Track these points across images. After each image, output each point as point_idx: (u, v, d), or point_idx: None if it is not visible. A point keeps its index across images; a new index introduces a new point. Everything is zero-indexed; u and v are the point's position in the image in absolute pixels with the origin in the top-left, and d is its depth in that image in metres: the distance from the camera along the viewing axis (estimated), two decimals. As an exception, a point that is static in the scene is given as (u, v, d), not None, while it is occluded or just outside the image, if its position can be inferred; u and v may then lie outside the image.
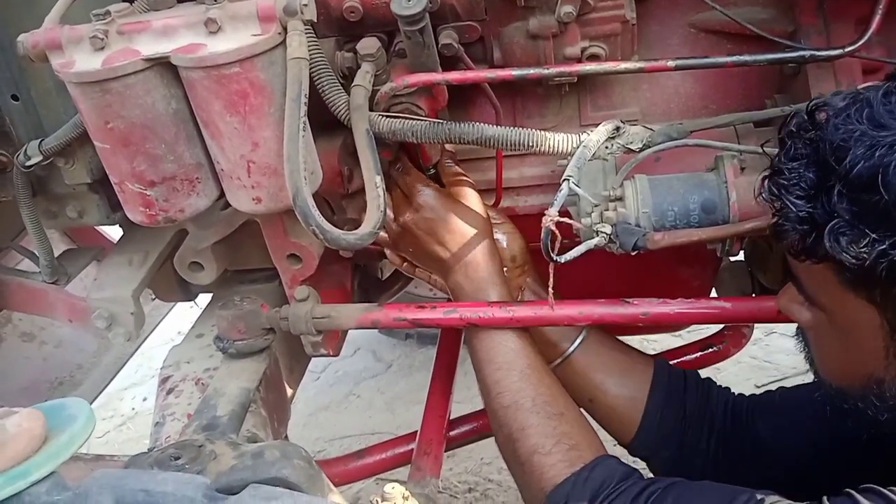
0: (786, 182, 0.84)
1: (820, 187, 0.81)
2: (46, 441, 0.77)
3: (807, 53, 1.12)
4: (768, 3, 1.30)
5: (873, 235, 0.76)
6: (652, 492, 1.00)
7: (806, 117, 0.87)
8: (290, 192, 1.01)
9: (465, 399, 2.53)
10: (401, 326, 1.25)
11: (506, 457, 1.19)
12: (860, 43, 1.11)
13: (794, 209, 0.83)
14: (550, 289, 1.06)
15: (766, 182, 0.89)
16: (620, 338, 1.37)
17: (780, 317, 1.14)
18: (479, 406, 1.61)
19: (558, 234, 1.01)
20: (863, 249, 0.77)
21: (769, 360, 2.68)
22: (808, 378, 2.78)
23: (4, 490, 0.73)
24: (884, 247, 0.76)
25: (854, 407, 0.93)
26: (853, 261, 0.78)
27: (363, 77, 1.14)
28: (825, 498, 0.87)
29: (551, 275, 1.03)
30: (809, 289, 0.92)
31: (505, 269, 1.30)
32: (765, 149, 1.07)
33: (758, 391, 2.58)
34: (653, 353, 1.88)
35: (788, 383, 2.55)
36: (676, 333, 2.51)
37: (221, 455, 0.94)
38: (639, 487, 1.01)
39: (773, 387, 2.54)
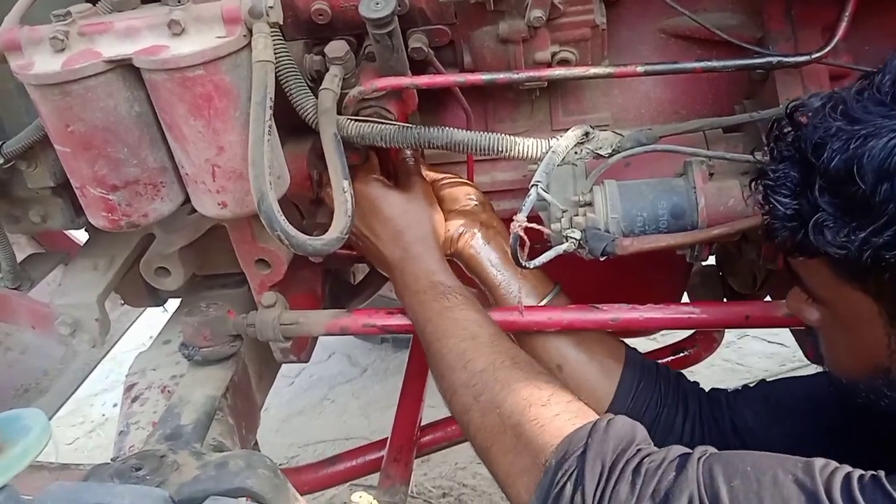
0: (772, 183, 0.87)
1: (804, 184, 0.83)
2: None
3: (774, 60, 1.13)
4: (737, 9, 1.31)
5: (854, 224, 0.78)
6: (699, 457, 0.85)
7: (786, 120, 0.90)
8: (254, 198, 1.00)
9: (438, 404, 2.54)
10: (370, 332, 1.24)
11: (484, 432, 1.01)
12: (826, 49, 1.12)
13: (781, 208, 0.85)
14: (520, 294, 1.05)
15: (755, 184, 0.93)
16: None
17: (747, 322, 1.14)
18: (445, 414, 1.60)
19: (527, 240, 1.01)
20: (846, 240, 0.79)
21: (742, 362, 2.70)
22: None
23: (-47, 505, 0.71)
24: (865, 234, 0.77)
25: (866, 400, 0.93)
26: (839, 251, 0.80)
27: (331, 80, 1.13)
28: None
29: (520, 282, 1.03)
30: (809, 285, 0.93)
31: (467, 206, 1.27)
32: (732, 154, 1.08)
33: (731, 394, 2.61)
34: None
35: (761, 386, 2.61)
36: (651, 336, 2.52)
37: (184, 465, 0.92)
38: (676, 452, 0.87)
39: (747, 389, 2.60)
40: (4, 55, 1.04)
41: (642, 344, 2.43)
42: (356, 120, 1.16)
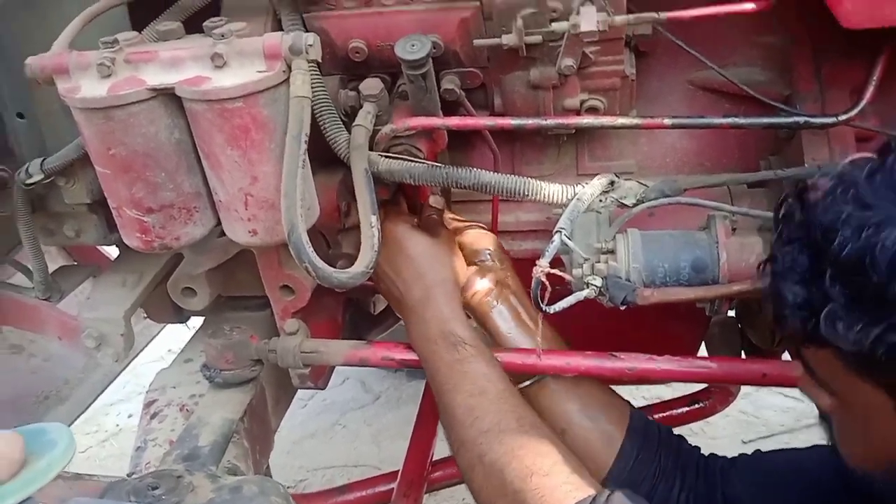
0: (781, 268, 0.83)
1: (814, 271, 0.79)
2: (24, 465, 0.77)
3: (801, 120, 1.14)
4: (767, 65, 1.33)
5: (867, 319, 0.74)
6: None
7: (795, 200, 0.85)
8: (285, 229, 1.02)
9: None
10: (388, 366, 1.25)
11: (487, 491, 1.04)
12: (854, 112, 1.13)
13: (790, 296, 0.81)
14: (539, 338, 1.06)
15: (763, 268, 0.89)
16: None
17: (763, 380, 1.14)
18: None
19: (548, 285, 1.02)
20: (859, 334, 0.75)
21: (758, 415, 2.67)
22: (796, 436, 2.76)
23: (-25, 515, 0.73)
24: (879, 330, 0.74)
25: (881, 492, 0.90)
26: (851, 346, 0.76)
27: (364, 117, 1.16)
28: None
29: (539, 325, 1.04)
30: (819, 374, 0.88)
31: (485, 261, 1.27)
32: (756, 211, 1.09)
33: (745, 447, 2.58)
34: (643, 400, 1.88)
35: (776, 440, 2.58)
36: (669, 385, 2.51)
37: (199, 487, 0.94)
38: None
39: (761, 443, 2.56)
40: (53, 78, 1.09)
41: (659, 391, 2.43)
42: (387, 156, 1.18)
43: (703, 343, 1.67)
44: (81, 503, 0.79)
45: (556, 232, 1.05)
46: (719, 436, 2.61)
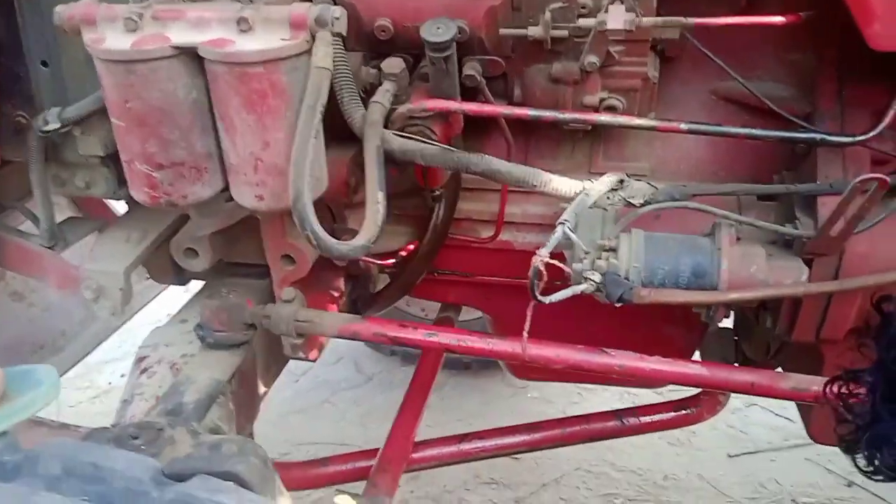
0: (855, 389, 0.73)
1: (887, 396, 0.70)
2: (6, 400, 0.78)
3: (818, 137, 1.14)
4: (791, 81, 1.33)
5: None
6: None
7: (874, 314, 0.78)
8: (291, 195, 1.03)
9: (437, 423, 2.54)
10: (380, 341, 1.26)
11: None
12: (872, 133, 1.13)
13: (860, 419, 0.72)
14: (526, 329, 1.06)
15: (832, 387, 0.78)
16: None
17: (752, 389, 1.14)
18: (450, 432, 1.61)
19: (545, 275, 1.02)
20: None
21: (746, 431, 2.67)
22: (781, 455, 2.75)
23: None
24: None
25: None
26: None
27: (383, 95, 1.17)
28: None
29: (529, 314, 1.04)
30: None
31: None
32: (762, 223, 1.09)
33: (730, 460, 2.58)
34: (630, 405, 1.89)
35: (762, 457, 2.58)
36: (658, 390, 2.51)
37: (180, 441, 0.95)
38: None
39: (746, 458, 2.56)
40: (79, 28, 1.09)
41: (646, 396, 2.44)
42: (401, 136, 1.19)
43: (697, 351, 1.67)
44: (62, 443, 0.79)
45: (560, 224, 1.05)
46: (706, 447, 2.61)
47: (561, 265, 1.05)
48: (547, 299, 1.08)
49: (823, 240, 1.10)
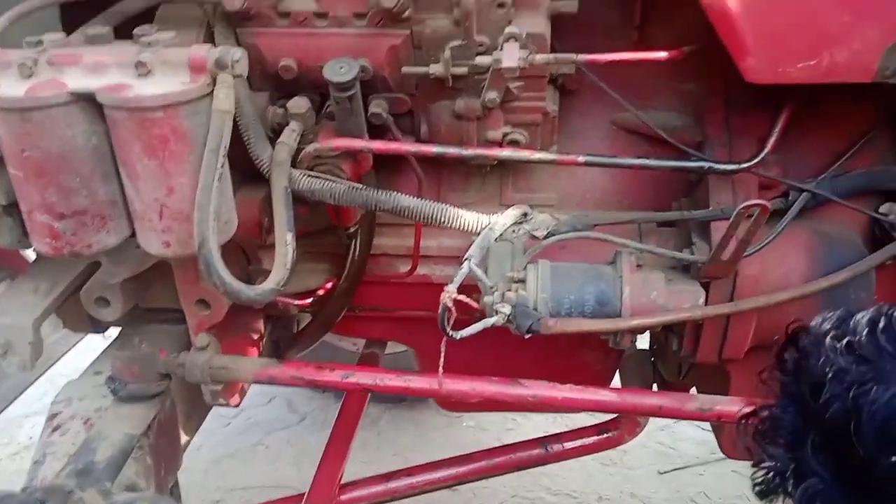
0: (763, 426, 0.71)
1: (798, 434, 0.67)
2: None
3: (706, 165, 1.20)
4: (684, 110, 1.39)
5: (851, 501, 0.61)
6: None
7: (790, 344, 0.74)
8: (195, 242, 1.02)
9: (372, 460, 2.52)
10: (297, 385, 1.26)
11: None
12: (756, 161, 1.20)
13: (770, 461, 0.69)
14: (441, 364, 1.08)
15: (744, 423, 0.75)
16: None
17: (660, 412, 1.18)
18: (386, 467, 1.59)
19: (454, 312, 1.04)
20: None
21: (674, 447, 2.73)
22: (709, 468, 2.82)
23: None
24: None
25: None
26: None
27: (289, 135, 1.18)
28: None
29: (443, 350, 1.06)
30: None
31: None
32: (660, 250, 1.13)
33: (660, 477, 2.63)
34: (564, 429, 1.92)
35: (691, 472, 2.65)
36: (591, 413, 2.55)
37: None
38: None
39: (676, 474, 2.62)
40: (-27, 74, 1.07)
41: (581, 419, 2.47)
42: (309, 175, 1.19)
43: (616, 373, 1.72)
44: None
45: (465, 260, 1.07)
46: (637, 466, 2.66)
47: (468, 301, 1.07)
48: (458, 334, 1.09)
49: (716, 264, 1.16)
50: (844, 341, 0.67)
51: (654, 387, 1.69)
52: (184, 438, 1.50)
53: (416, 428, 2.89)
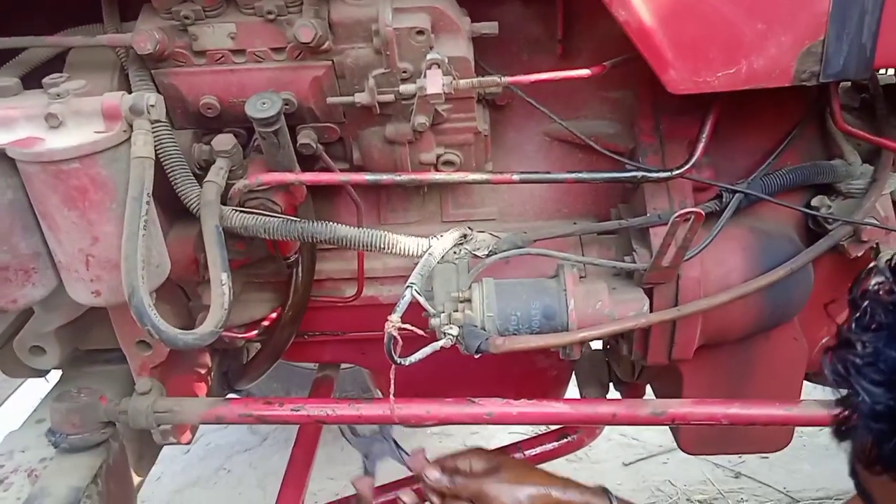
0: (859, 360, 0.63)
1: None
2: None
3: (639, 174, 1.20)
4: (615, 119, 1.40)
5: None
6: None
7: (889, 271, 0.66)
8: (125, 292, 0.99)
9: (339, 475, 2.49)
10: (247, 422, 1.23)
11: None
12: (687, 166, 1.21)
13: (868, 399, 0.62)
14: (392, 390, 1.07)
15: (832, 356, 0.67)
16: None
17: (614, 420, 1.19)
18: (344, 486, 1.57)
19: (399, 340, 1.03)
20: None
21: (638, 437, 2.77)
22: (674, 456, 2.87)
23: None
24: None
25: None
26: None
27: (216, 173, 1.15)
28: None
29: (393, 378, 1.05)
30: None
31: None
32: (599, 261, 1.13)
33: (625, 468, 2.66)
34: (525, 436, 1.92)
35: (654, 462, 2.68)
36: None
37: (32, 569, 0.88)
38: None
39: (641, 464, 2.65)
40: None
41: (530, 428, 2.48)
42: (241, 211, 1.17)
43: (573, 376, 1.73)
44: None
45: (407, 287, 1.06)
46: (602, 459, 2.69)
47: (412, 328, 1.06)
48: (406, 361, 1.08)
49: (658, 270, 1.17)
50: None
51: (611, 386, 1.71)
52: (136, 479, 1.47)
53: (381, 439, 2.88)
